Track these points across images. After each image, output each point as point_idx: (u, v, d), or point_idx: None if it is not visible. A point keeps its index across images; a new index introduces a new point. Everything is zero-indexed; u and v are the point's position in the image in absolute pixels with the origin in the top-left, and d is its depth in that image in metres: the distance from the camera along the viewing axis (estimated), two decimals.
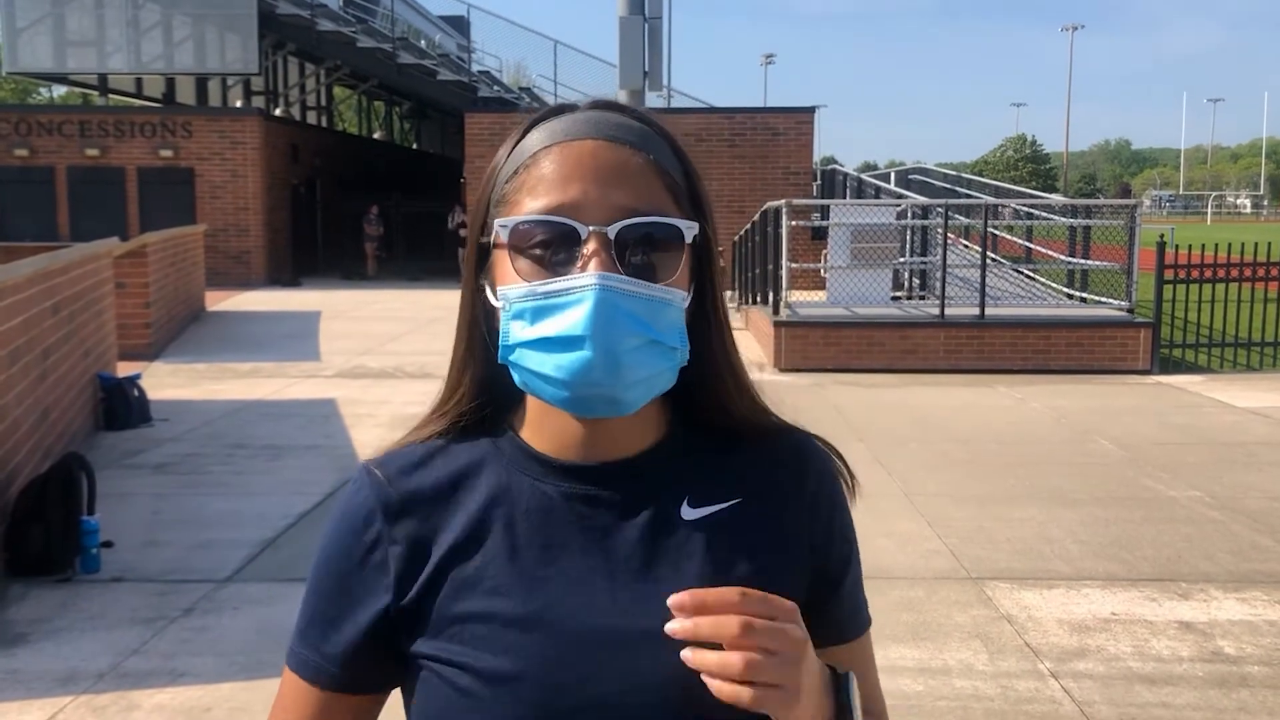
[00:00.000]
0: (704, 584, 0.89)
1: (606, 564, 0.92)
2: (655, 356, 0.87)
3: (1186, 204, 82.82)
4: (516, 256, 0.88)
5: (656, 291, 0.87)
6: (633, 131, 0.92)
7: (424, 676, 0.92)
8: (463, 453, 0.98)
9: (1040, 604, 4.71)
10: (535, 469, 0.95)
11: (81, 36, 21.72)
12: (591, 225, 0.86)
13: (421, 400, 9.29)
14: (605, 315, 0.84)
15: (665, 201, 0.90)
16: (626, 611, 0.90)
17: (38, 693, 3.85)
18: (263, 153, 20.82)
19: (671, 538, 0.93)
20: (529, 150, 0.91)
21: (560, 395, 0.87)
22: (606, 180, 0.88)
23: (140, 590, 4.86)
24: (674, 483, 0.95)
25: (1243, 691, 3.87)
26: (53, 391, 6.53)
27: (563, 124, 0.92)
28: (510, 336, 0.89)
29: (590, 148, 0.89)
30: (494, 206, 0.93)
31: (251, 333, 13.76)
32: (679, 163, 0.95)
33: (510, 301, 0.88)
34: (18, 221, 19.98)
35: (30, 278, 6.00)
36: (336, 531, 0.98)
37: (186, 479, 6.81)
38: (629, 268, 0.87)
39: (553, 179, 0.88)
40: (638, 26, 11.03)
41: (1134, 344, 11.11)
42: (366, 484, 0.97)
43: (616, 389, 0.86)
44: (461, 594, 0.91)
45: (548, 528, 0.93)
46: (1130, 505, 6.24)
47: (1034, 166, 78.68)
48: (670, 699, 0.87)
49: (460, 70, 23.84)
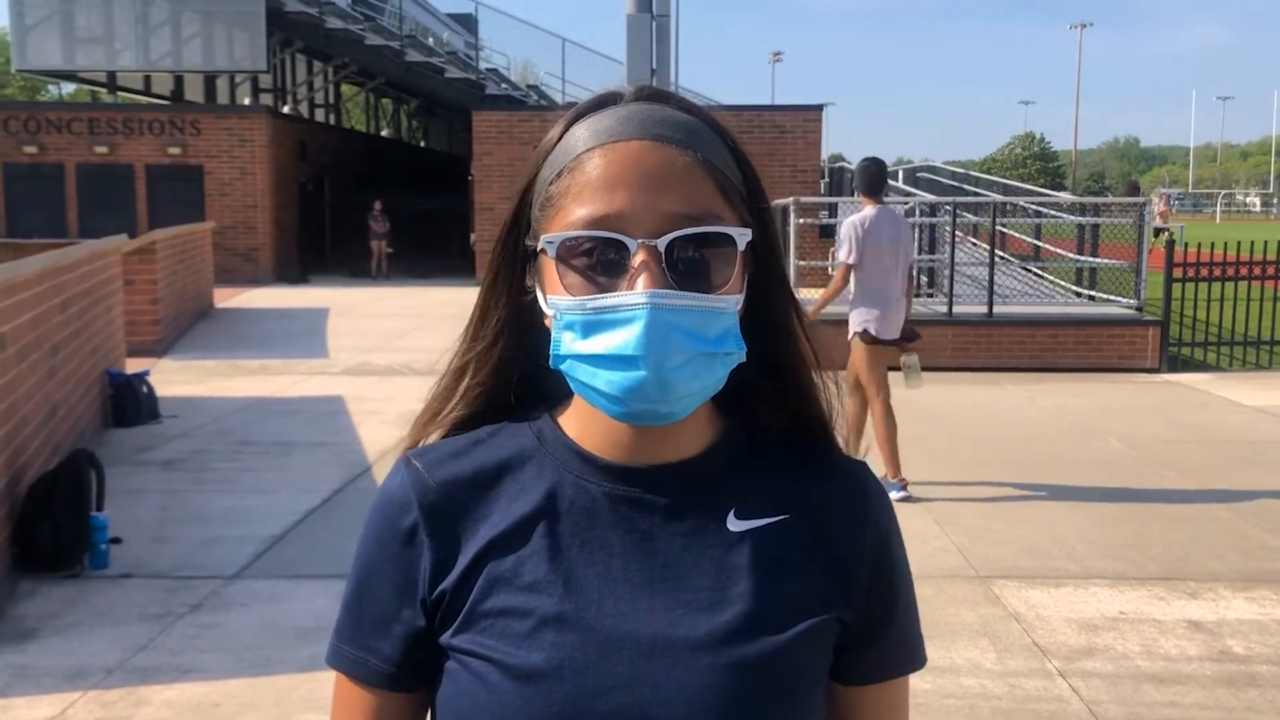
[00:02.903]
0: (745, 600, 0.89)
1: (647, 569, 0.90)
2: (708, 366, 0.85)
3: (1196, 202, 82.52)
4: (565, 269, 0.86)
5: (709, 302, 0.85)
6: (680, 127, 0.89)
7: (452, 669, 0.90)
8: (506, 445, 0.95)
9: (1048, 602, 4.70)
10: (580, 467, 0.93)
11: (90, 34, 21.78)
12: (640, 237, 0.84)
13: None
14: (657, 334, 0.82)
15: (716, 202, 0.87)
16: (664, 620, 0.88)
17: (47, 688, 3.86)
18: (271, 150, 20.86)
19: (715, 548, 0.91)
20: (573, 151, 0.89)
21: (613, 409, 0.86)
22: (654, 185, 0.85)
23: (149, 586, 4.87)
24: (723, 491, 0.93)
25: (1251, 691, 3.86)
26: (61, 388, 6.55)
27: (607, 121, 0.89)
28: (562, 346, 0.87)
29: (635, 149, 0.87)
30: (539, 209, 0.90)
31: (259, 330, 13.78)
32: (731, 156, 0.91)
33: (560, 312, 0.87)
34: (27, 218, 20.05)
35: (39, 274, 6.02)
36: (374, 524, 0.95)
37: (195, 475, 6.83)
38: (679, 274, 0.85)
39: (599, 185, 0.86)
40: (645, 24, 11.02)
41: (1143, 342, 11.07)
42: (404, 473, 0.95)
43: (668, 403, 0.85)
44: (497, 588, 0.89)
45: (590, 527, 0.91)
46: (1139, 504, 6.22)
47: (1042, 164, 78.43)
48: (703, 713, 0.85)
49: (468, 68, 23.84)
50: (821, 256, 14.58)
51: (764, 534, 0.92)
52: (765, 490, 0.94)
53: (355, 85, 30.04)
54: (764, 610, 0.89)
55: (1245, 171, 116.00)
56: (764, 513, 0.93)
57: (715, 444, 0.95)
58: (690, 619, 0.87)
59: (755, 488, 0.94)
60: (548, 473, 0.93)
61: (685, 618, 0.87)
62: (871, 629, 0.95)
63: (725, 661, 0.87)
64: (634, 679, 0.86)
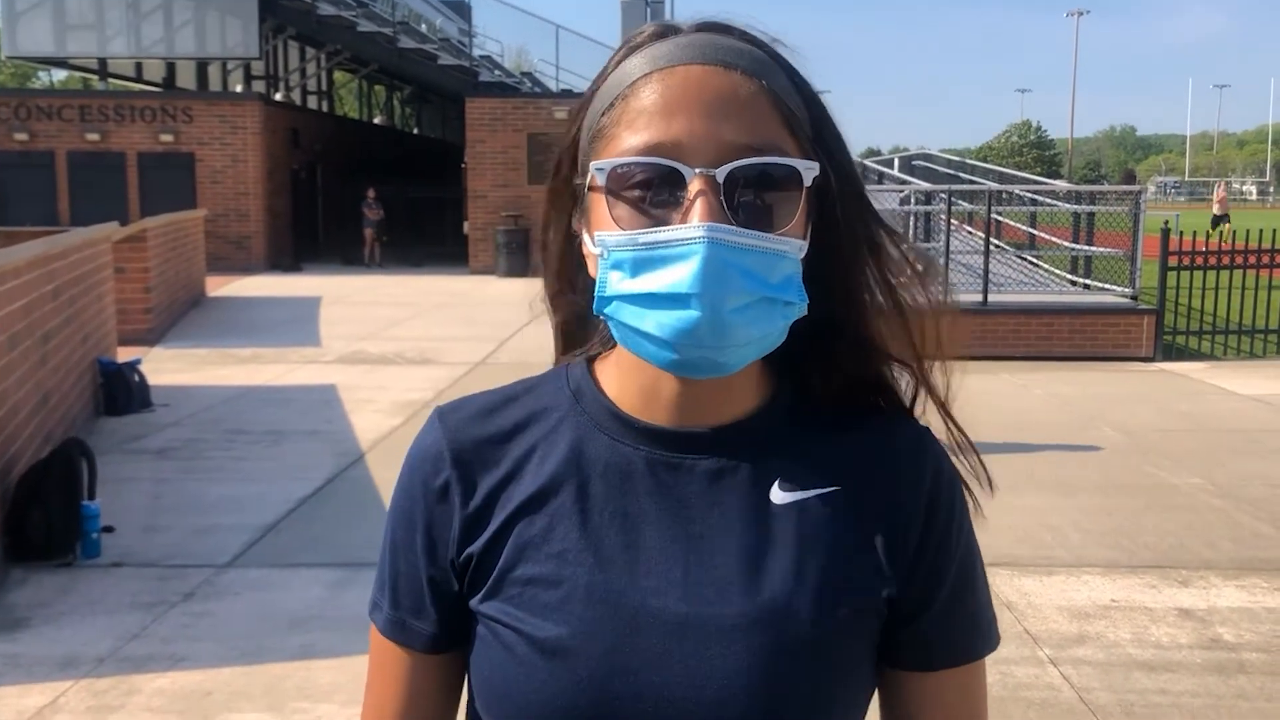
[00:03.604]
0: (786, 579, 0.83)
1: (684, 541, 0.84)
2: (768, 313, 0.78)
3: (1192, 190, 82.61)
4: (615, 201, 0.79)
5: (771, 243, 0.78)
6: (745, 56, 0.81)
7: (482, 635, 0.86)
8: (540, 403, 0.90)
9: (1040, 591, 4.71)
10: (617, 428, 0.87)
11: (81, 20, 21.64)
12: (698, 167, 0.77)
13: (423, 386, 9.23)
14: (714, 271, 0.75)
15: (782, 136, 0.80)
16: (699, 596, 0.82)
17: (38, 677, 3.85)
18: (263, 137, 20.77)
19: (757, 521, 0.85)
20: (628, 78, 0.81)
21: (662, 356, 0.79)
22: (714, 112, 0.78)
23: (140, 575, 4.86)
24: (769, 457, 0.86)
25: (1241, 678, 3.87)
26: (53, 376, 6.52)
27: (665, 48, 0.82)
28: (608, 287, 0.80)
29: (697, 74, 0.79)
30: (589, 143, 0.83)
31: (252, 318, 13.74)
32: (798, 94, 0.83)
33: (609, 249, 0.79)
34: (17, 206, 19.95)
35: (30, 262, 5.99)
36: (406, 480, 0.91)
37: (187, 464, 6.81)
38: (739, 210, 0.77)
39: (654, 111, 0.79)
40: (640, 10, 10.99)
41: (1137, 331, 11.09)
42: (437, 428, 0.90)
43: (724, 350, 0.77)
44: (526, 554, 0.85)
45: (625, 494, 0.85)
46: (1132, 492, 6.23)
47: (1039, 152, 78.51)
48: (736, 697, 0.80)
49: (461, 55, 23.74)
50: None
51: (810, 506, 0.85)
52: (814, 459, 0.87)
53: (348, 72, 29.93)
54: (805, 590, 0.83)
55: (1242, 160, 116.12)
56: (811, 484, 0.86)
57: (763, 408, 0.88)
58: (726, 596, 0.82)
59: (803, 456, 0.87)
60: (583, 433, 0.88)
61: (721, 595, 0.82)
62: (927, 609, 0.87)
63: (761, 643, 0.81)
64: (664, 657, 0.81)
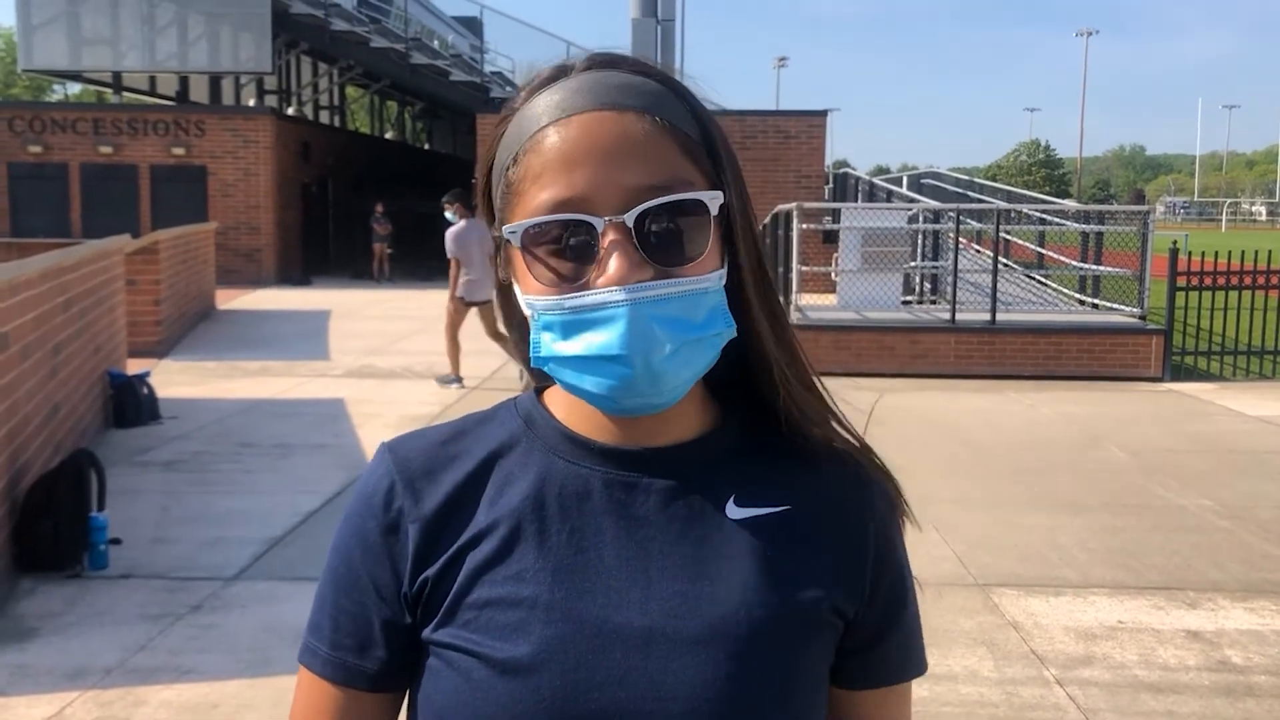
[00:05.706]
0: (745, 592, 0.85)
1: (642, 557, 0.85)
2: (699, 351, 0.81)
3: (1201, 210, 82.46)
4: (532, 260, 0.81)
5: (692, 284, 0.80)
6: (636, 92, 0.82)
7: (433, 666, 0.85)
8: (492, 431, 0.91)
9: (1047, 611, 4.70)
10: (571, 450, 0.88)
11: (96, 35, 21.82)
12: (607, 215, 0.79)
13: (431, 400, 9.23)
14: (640, 330, 0.78)
15: (683, 166, 0.81)
16: (661, 612, 0.83)
17: (46, 687, 3.86)
18: (275, 151, 20.89)
19: (714, 536, 0.86)
20: (527, 130, 0.83)
21: (605, 404, 0.82)
22: (614, 159, 0.79)
23: (148, 587, 4.88)
24: (723, 477, 0.88)
25: (1249, 701, 3.85)
26: (63, 388, 6.56)
27: (559, 95, 0.83)
28: (542, 348, 0.83)
29: (592, 122, 0.80)
30: (500, 199, 0.85)
31: (261, 331, 13.79)
32: (693, 117, 0.85)
33: (538, 312, 0.82)
34: (31, 218, 20.10)
35: (42, 274, 6.03)
36: (353, 515, 0.90)
37: (195, 477, 6.83)
38: (652, 242, 0.79)
39: (557, 167, 0.80)
40: (650, 29, 11.04)
41: (1146, 351, 11.06)
42: (387, 459, 0.90)
43: (662, 393, 0.81)
44: (482, 578, 0.84)
45: (582, 514, 0.86)
46: (1139, 513, 6.21)
47: (1047, 172, 78.51)
48: (704, 709, 0.81)
49: (473, 71, 23.87)
50: (825, 261, 14.60)
51: (765, 523, 0.87)
52: (765, 480, 0.89)
53: (360, 87, 30.09)
54: (764, 603, 0.84)
55: (1251, 180, 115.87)
56: (765, 501, 0.88)
57: (715, 428, 0.90)
58: (686, 610, 0.83)
59: (756, 475, 0.89)
60: (536, 457, 0.88)
61: (681, 609, 0.83)
62: (873, 629, 0.91)
63: (724, 655, 0.82)
64: (628, 673, 0.81)
